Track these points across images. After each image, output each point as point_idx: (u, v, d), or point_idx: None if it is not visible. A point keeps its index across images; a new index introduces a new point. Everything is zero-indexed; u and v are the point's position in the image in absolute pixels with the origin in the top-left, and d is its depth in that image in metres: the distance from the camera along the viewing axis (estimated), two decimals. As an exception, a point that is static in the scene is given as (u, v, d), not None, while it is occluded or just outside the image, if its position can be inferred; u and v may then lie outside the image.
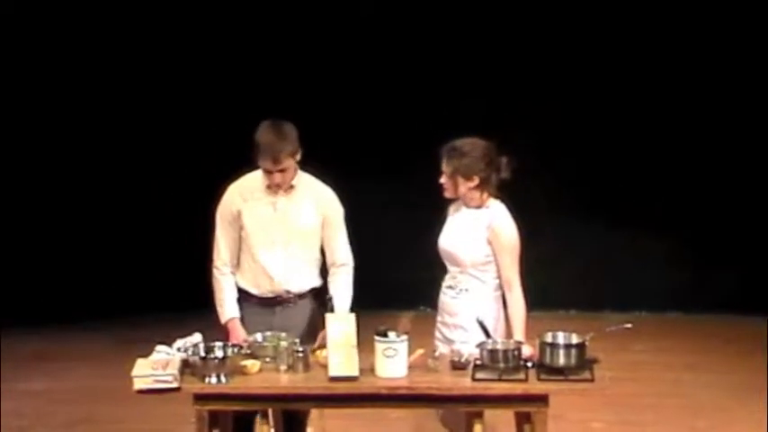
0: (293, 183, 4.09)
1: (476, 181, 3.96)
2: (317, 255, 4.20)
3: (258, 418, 4.08)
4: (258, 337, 3.95)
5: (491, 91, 7.20)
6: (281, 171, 3.99)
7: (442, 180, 3.99)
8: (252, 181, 4.15)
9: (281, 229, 4.09)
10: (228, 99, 7.19)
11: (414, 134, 7.07)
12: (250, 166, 4.14)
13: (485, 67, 7.27)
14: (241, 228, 4.12)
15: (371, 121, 7.38)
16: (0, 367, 6.12)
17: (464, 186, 3.96)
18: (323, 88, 7.28)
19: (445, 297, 4.05)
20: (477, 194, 3.98)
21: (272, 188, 4.08)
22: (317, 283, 4.22)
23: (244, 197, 4.12)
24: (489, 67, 7.27)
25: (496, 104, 7.11)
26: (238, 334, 4.06)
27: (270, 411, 4.11)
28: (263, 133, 3.99)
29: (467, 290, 3.98)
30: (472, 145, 3.97)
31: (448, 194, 4.03)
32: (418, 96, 7.34)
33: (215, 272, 4.19)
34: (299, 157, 4.05)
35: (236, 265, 4.18)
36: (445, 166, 3.97)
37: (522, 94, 7.19)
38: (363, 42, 7.29)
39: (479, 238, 3.95)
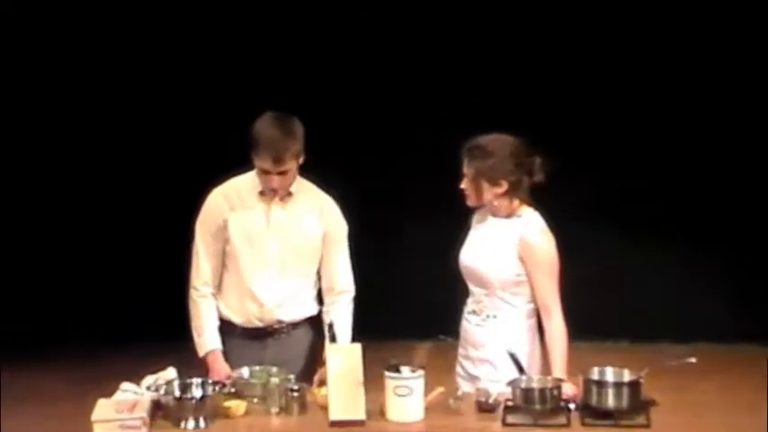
0: (291, 189, 4.12)
1: (504, 186, 3.97)
2: (315, 276, 4.24)
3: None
4: (244, 372, 3.98)
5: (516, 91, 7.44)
6: (282, 174, 4.02)
7: (464, 185, 4.01)
8: (241, 185, 4.17)
9: (275, 244, 4.12)
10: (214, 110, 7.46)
11: (427, 138, 7.38)
12: (237, 170, 4.19)
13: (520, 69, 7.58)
14: (226, 241, 4.14)
15: (376, 125, 7.68)
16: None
17: (490, 192, 3.98)
18: (320, 89, 7.54)
19: (468, 325, 4.07)
20: (505, 202, 4.00)
21: (267, 194, 4.10)
22: (315, 310, 4.26)
23: (231, 204, 4.14)
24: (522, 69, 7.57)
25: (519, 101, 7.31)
26: (220, 369, 4.08)
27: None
28: (266, 127, 4.01)
29: (494, 316, 4.00)
30: (498, 143, 3.98)
31: (470, 202, 4.05)
32: (431, 101, 7.65)
33: (192, 293, 4.22)
34: (302, 160, 4.08)
35: (219, 286, 4.21)
36: (467, 168, 3.99)
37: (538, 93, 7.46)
38: (362, 43, 7.62)
39: (509, 253, 3.96)
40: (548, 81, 7.53)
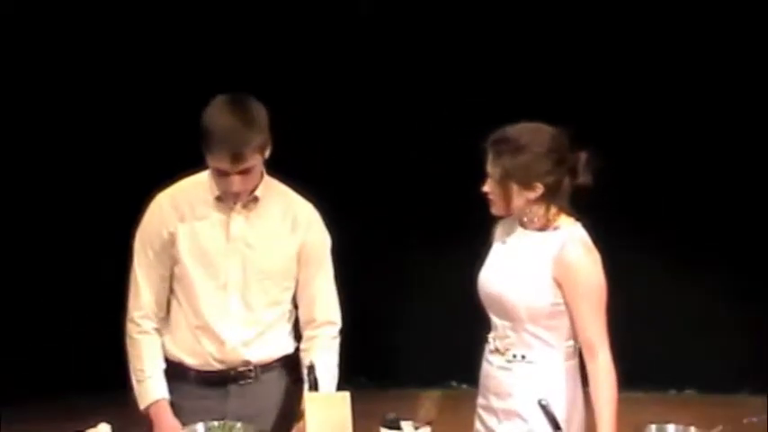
0: (257, 193, 4.09)
1: (539, 189, 3.92)
2: (290, 305, 4.22)
3: None
4: (199, 429, 3.94)
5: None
6: (243, 173, 3.96)
7: (487, 188, 3.96)
8: (192, 189, 4.14)
9: (236, 264, 4.09)
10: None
11: (426, 149, 7.84)
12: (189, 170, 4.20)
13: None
14: (175, 261, 4.11)
15: (368, 133, 8.02)
16: None
17: (521, 198, 3.93)
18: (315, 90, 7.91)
19: (490, 367, 4.02)
20: (540, 210, 3.95)
21: (226, 200, 4.07)
22: (291, 348, 4.24)
23: (180, 213, 4.11)
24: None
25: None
26: (168, 425, 4.05)
27: None
28: (219, 115, 3.95)
29: (523, 356, 3.94)
30: (534, 134, 3.92)
31: (495, 210, 3.99)
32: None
33: (130, 329, 4.17)
34: (268, 152, 4.04)
35: (165, 319, 4.18)
36: (492, 167, 3.92)
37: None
38: (361, 44, 8.03)
39: (543, 276, 3.91)
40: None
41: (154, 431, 4.03)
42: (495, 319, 4.00)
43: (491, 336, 4.03)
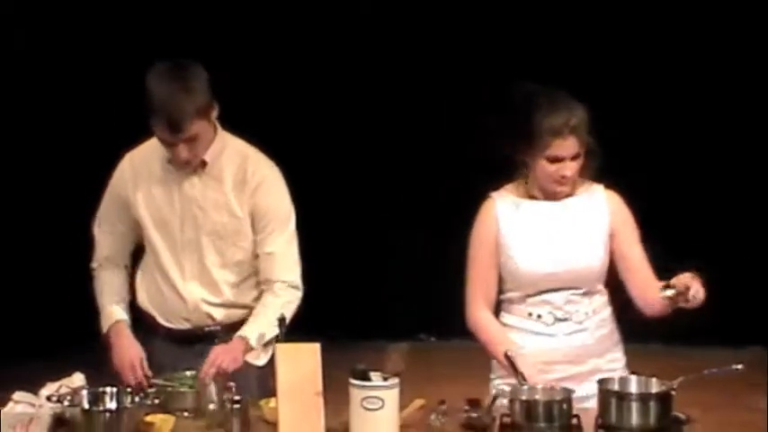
0: (206, 157, 4.07)
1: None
2: (252, 267, 4.24)
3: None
4: (172, 377, 4.02)
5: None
6: (188, 141, 3.96)
7: (571, 172, 3.99)
8: (151, 152, 4.16)
9: (189, 225, 4.14)
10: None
11: (403, 136, 8.23)
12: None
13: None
14: (137, 224, 4.19)
15: (356, 123, 8.35)
16: None
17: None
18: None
19: (553, 339, 4.08)
20: (576, 176, 4.06)
21: (175, 166, 4.10)
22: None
23: (139, 175, 4.15)
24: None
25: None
26: (123, 342, 4.11)
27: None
28: (157, 84, 3.92)
29: (594, 311, 4.09)
30: (577, 103, 4.00)
31: (568, 190, 4.06)
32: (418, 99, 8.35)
33: (92, 270, 4.29)
34: (215, 114, 4.03)
35: (141, 276, 4.27)
36: (578, 148, 3.97)
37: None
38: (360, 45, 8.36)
39: (602, 233, 4.07)
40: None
41: (113, 353, 4.08)
42: (553, 296, 4.06)
43: (544, 312, 4.08)
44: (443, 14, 8.55)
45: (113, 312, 4.21)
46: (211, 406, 3.82)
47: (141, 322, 4.25)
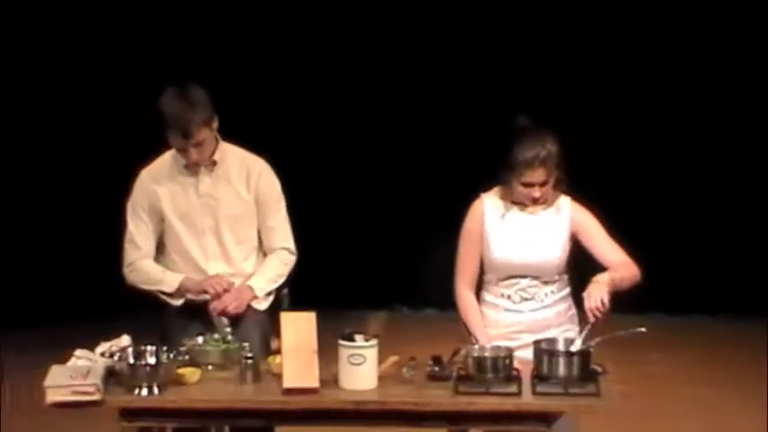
0: (215, 158, 4.13)
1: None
2: (257, 242, 4.24)
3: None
4: (199, 339, 3.97)
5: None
6: (197, 145, 4.03)
7: (540, 193, 3.97)
8: (167, 162, 4.18)
9: (207, 215, 4.14)
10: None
11: (388, 120, 7.69)
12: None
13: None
14: (162, 220, 4.16)
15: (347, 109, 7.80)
16: None
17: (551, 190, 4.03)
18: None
19: (520, 315, 4.04)
20: (551, 192, 4.04)
21: (191, 167, 4.11)
22: None
23: (159, 181, 4.16)
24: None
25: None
26: (195, 281, 4.11)
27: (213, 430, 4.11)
28: (168, 103, 4.01)
29: (552, 291, 4.05)
30: (555, 144, 3.96)
31: (542, 204, 4.03)
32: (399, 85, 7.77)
33: (128, 271, 4.21)
34: (215, 125, 4.09)
35: (161, 262, 4.21)
36: (545, 176, 3.95)
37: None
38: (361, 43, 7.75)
39: (563, 237, 4.04)
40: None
41: (194, 287, 4.10)
42: (521, 281, 4.03)
43: (512, 293, 4.04)
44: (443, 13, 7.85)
45: (174, 277, 4.17)
46: (221, 333, 3.92)
47: (156, 302, 4.20)
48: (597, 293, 3.79)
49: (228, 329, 3.99)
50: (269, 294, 4.20)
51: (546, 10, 7.65)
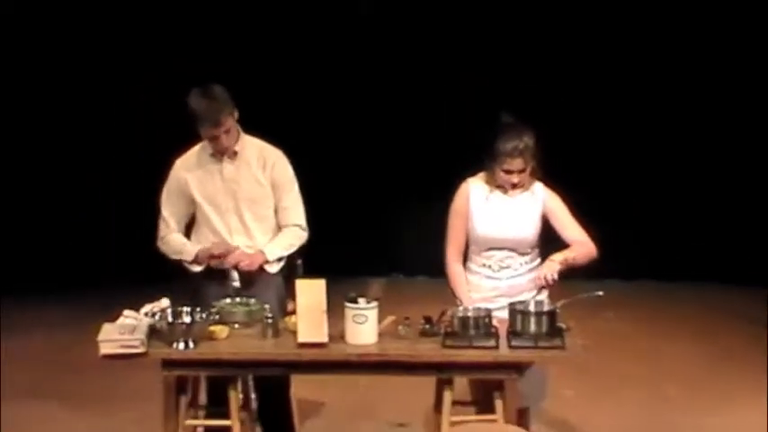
0: (236, 148, 4.12)
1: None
2: (274, 221, 4.22)
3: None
4: (227, 301, 3.97)
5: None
6: (226, 132, 4.05)
7: (519, 179, 3.97)
8: (197, 152, 4.19)
9: (230, 197, 4.14)
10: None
11: (388, 120, 7.40)
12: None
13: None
14: (191, 201, 4.16)
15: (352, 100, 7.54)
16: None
17: (528, 176, 4.01)
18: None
19: (498, 282, 4.02)
20: (527, 179, 4.03)
21: (217, 155, 4.12)
22: None
23: (189, 168, 4.16)
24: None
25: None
26: (212, 245, 4.09)
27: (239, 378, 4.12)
28: (197, 101, 4.03)
29: (526, 262, 4.04)
30: (531, 138, 3.96)
31: (519, 189, 4.02)
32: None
33: (160, 244, 4.21)
34: (236, 116, 4.10)
35: (189, 237, 4.21)
36: (523, 165, 3.95)
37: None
38: (361, 42, 7.44)
39: (536, 217, 4.02)
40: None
41: (206, 253, 4.08)
42: (499, 253, 4.02)
43: (492, 263, 4.03)
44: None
45: (192, 247, 4.17)
46: (234, 283, 3.96)
47: (185, 271, 4.19)
48: (548, 271, 3.86)
49: (237, 283, 3.99)
50: (280, 260, 4.17)
51: (527, 11, 7.38)
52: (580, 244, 3.99)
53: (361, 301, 3.64)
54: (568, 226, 4.03)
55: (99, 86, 7.31)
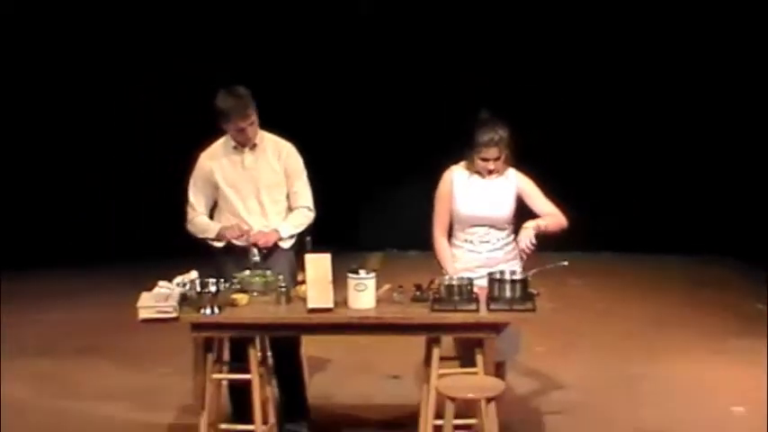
0: (256, 141, 4.11)
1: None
2: (286, 204, 4.20)
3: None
4: (247, 273, 3.95)
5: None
6: (251, 124, 4.04)
7: (494, 166, 3.94)
8: (222, 144, 4.17)
9: (250, 183, 4.12)
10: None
11: (388, 120, 7.29)
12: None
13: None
14: (215, 188, 4.13)
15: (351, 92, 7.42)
16: (12, 301, 6.04)
17: (503, 163, 3.99)
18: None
19: (479, 255, 3.98)
20: (502, 166, 4.01)
21: (239, 147, 4.09)
22: None
23: (214, 158, 4.14)
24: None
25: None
26: (232, 227, 4.05)
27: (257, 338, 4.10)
28: (227, 99, 4.02)
29: (503, 237, 4.01)
30: (503, 127, 3.93)
31: (495, 175, 3.99)
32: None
33: (188, 225, 4.17)
34: (257, 112, 4.08)
35: (216, 217, 4.17)
36: (499, 153, 3.93)
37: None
38: (362, 41, 7.28)
39: (511, 197, 3.99)
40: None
41: (226, 233, 4.04)
42: (479, 229, 3.98)
43: (473, 238, 3.99)
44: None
45: (215, 226, 4.14)
46: (254, 258, 3.93)
47: (226, 246, 4.15)
48: (526, 237, 3.83)
49: (257, 258, 3.96)
50: (291, 237, 4.16)
51: (527, 11, 7.14)
52: (551, 215, 3.97)
53: (362, 272, 3.64)
54: (539, 202, 4.01)
55: (99, 86, 7.02)
